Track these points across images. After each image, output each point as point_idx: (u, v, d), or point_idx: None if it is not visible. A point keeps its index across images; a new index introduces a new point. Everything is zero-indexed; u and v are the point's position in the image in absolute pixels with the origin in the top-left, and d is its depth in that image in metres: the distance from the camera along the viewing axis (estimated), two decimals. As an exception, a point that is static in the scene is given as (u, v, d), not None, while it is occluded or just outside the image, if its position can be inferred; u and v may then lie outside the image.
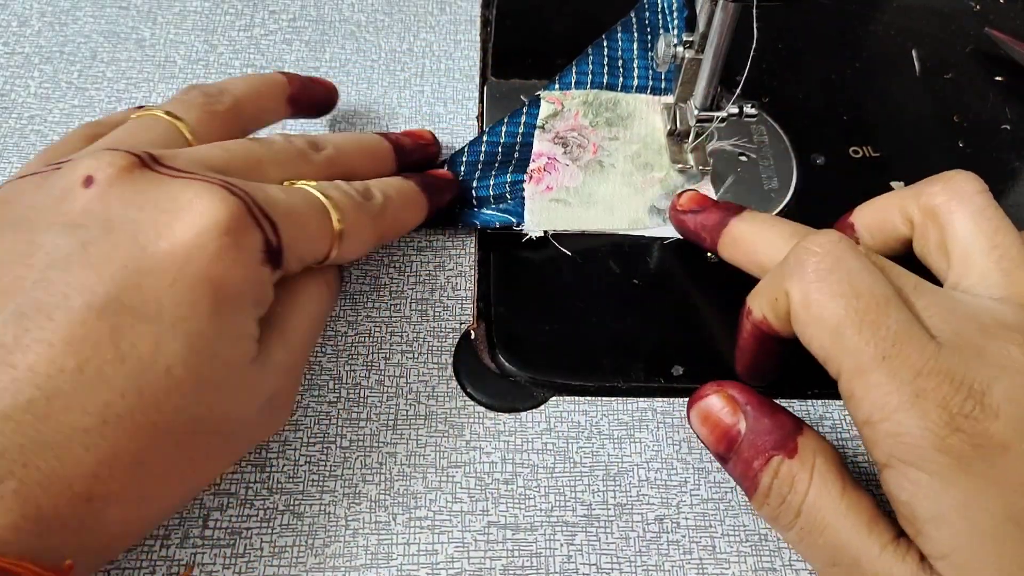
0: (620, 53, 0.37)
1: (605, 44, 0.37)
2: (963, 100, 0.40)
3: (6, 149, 0.35)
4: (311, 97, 0.33)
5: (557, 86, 0.36)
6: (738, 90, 0.30)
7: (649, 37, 0.38)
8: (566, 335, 0.30)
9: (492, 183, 0.33)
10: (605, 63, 0.37)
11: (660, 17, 0.38)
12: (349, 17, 0.41)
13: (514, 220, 0.32)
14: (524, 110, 0.35)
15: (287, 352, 0.24)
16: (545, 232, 0.32)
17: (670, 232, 0.33)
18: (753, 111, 0.33)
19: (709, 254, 0.33)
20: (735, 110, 0.33)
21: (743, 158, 0.36)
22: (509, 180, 0.33)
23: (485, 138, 0.34)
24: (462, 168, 0.34)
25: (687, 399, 0.27)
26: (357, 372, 0.29)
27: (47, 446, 0.17)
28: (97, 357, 0.18)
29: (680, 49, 0.32)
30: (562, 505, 0.27)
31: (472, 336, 0.30)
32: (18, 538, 0.17)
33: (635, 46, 0.37)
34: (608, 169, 0.34)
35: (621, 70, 0.37)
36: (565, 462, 0.28)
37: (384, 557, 0.25)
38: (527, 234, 0.32)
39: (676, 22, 0.37)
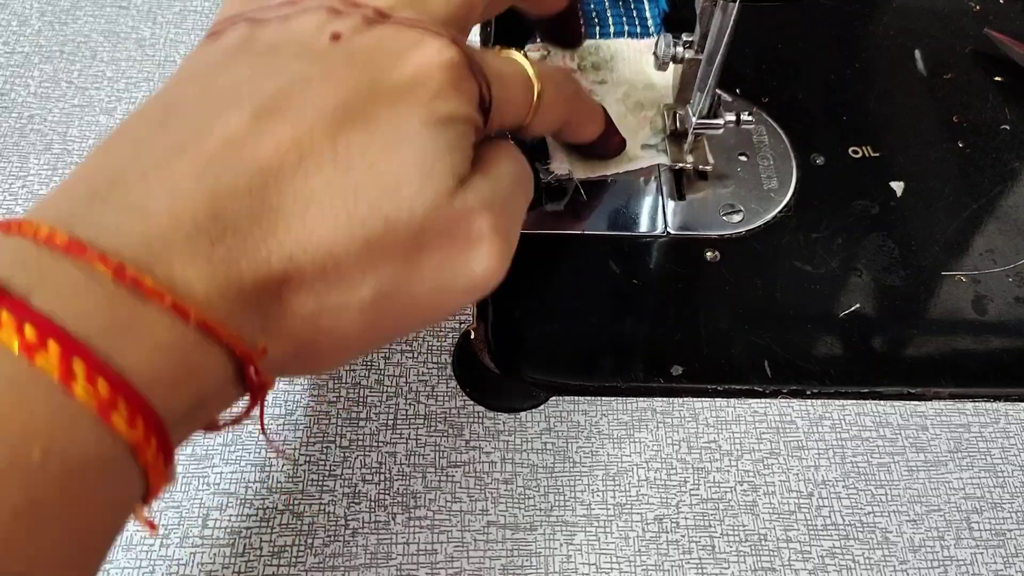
0: (593, 6, 0.38)
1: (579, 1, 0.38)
2: (963, 100, 0.40)
3: (6, 148, 0.35)
4: None
5: (538, 40, 0.37)
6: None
7: None
8: (566, 335, 0.30)
9: None
10: (580, 16, 0.37)
11: None
12: (349, 17, 0.41)
13: None
14: None
15: (493, 189, 0.23)
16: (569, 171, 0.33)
17: (663, 160, 0.34)
18: (750, 118, 0.33)
19: (709, 254, 0.33)
20: (732, 118, 0.33)
21: (743, 158, 0.36)
22: None
23: None
24: None
25: (687, 399, 0.27)
26: (357, 372, 0.29)
27: (260, 218, 0.18)
28: (317, 152, 0.19)
29: (680, 49, 0.32)
30: (562, 505, 0.27)
31: (472, 336, 0.30)
32: (222, 301, 0.18)
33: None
34: None
35: (596, 20, 0.38)
36: (565, 462, 0.28)
37: (384, 557, 0.25)
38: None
39: None
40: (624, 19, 0.38)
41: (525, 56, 0.26)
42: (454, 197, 0.21)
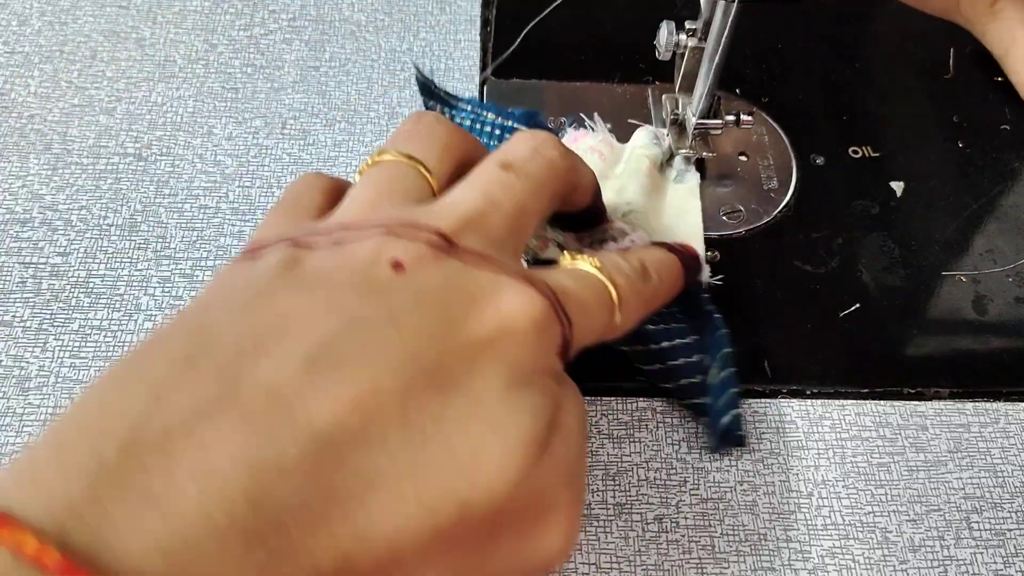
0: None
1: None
2: (963, 100, 0.40)
3: (6, 148, 0.35)
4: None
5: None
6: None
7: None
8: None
9: None
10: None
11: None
12: (349, 17, 0.41)
13: None
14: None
15: (567, 450, 0.20)
16: None
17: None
18: (750, 118, 0.33)
19: (709, 254, 0.33)
20: (732, 118, 0.33)
21: (743, 158, 0.36)
22: None
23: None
24: None
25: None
26: (357, 371, 0.29)
27: (309, 506, 0.15)
28: (384, 419, 0.16)
29: (683, 37, 0.32)
30: (561, 505, 0.27)
31: (472, 336, 0.30)
32: None
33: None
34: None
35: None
36: (565, 462, 0.28)
37: (383, 556, 0.25)
38: None
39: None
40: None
41: (600, 263, 0.24)
42: (536, 469, 0.18)
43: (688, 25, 0.32)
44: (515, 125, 0.33)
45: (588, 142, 0.34)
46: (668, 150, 0.35)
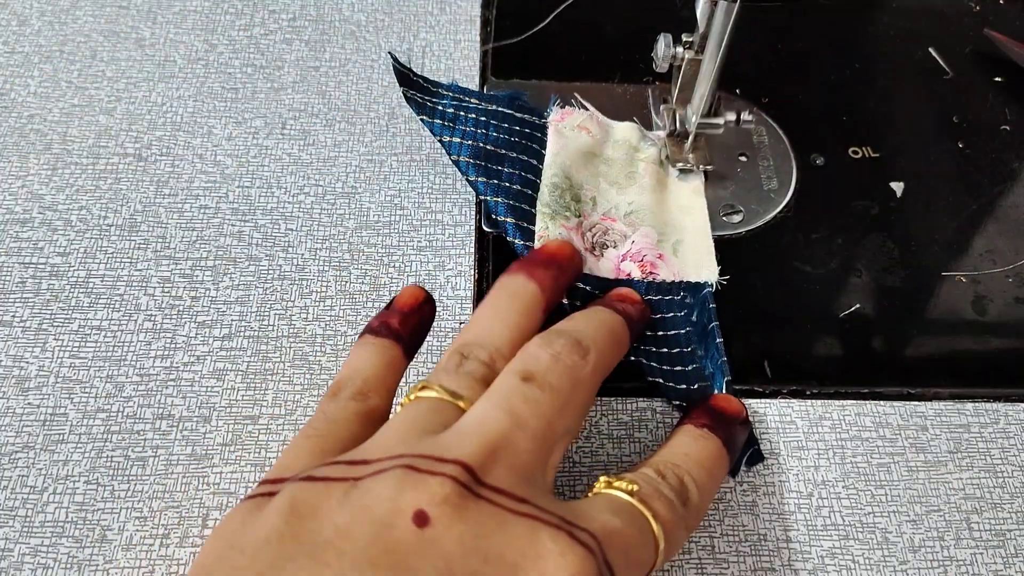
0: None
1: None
2: (962, 101, 0.40)
3: (6, 148, 0.35)
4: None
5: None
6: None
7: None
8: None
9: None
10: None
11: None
12: (349, 17, 0.41)
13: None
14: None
15: None
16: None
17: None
18: (750, 118, 0.33)
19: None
20: (732, 117, 0.33)
21: (743, 158, 0.36)
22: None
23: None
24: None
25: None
26: (357, 372, 0.29)
27: None
28: None
29: (680, 50, 0.32)
30: (561, 505, 0.27)
31: (472, 336, 0.30)
32: None
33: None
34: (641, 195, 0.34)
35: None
36: (565, 462, 0.28)
37: (383, 557, 0.25)
38: None
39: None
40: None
41: (636, 487, 0.22)
42: None
43: (685, 38, 0.32)
44: (499, 108, 0.34)
45: (575, 120, 0.35)
46: (664, 147, 0.35)
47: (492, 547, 0.18)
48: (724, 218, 0.34)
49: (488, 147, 0.32)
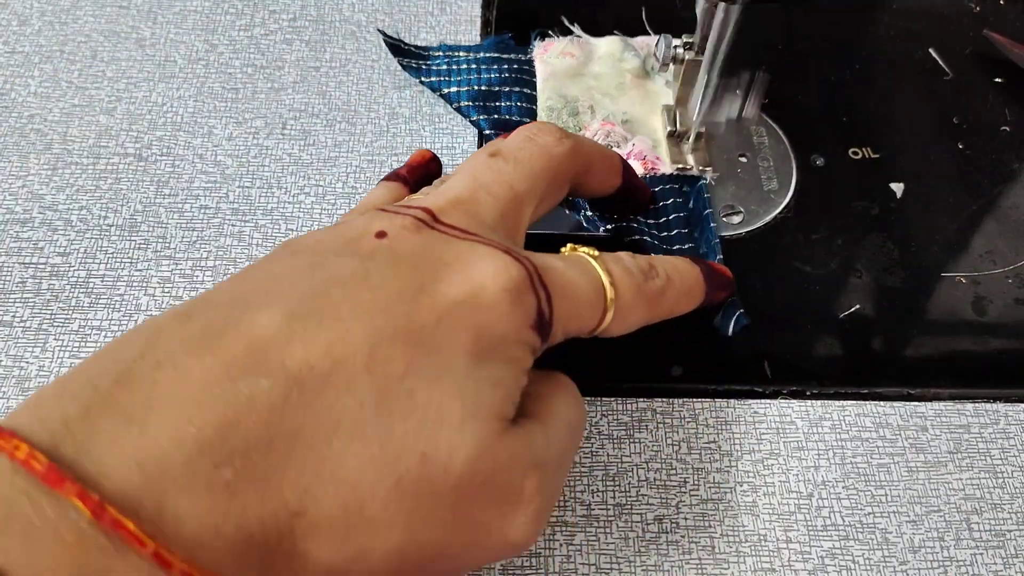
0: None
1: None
2: (962, 102, 0.40)
3: (6, 148, 0.35)
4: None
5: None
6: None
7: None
8: (566, 335, 0.30)
9: None
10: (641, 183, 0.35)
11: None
12: (349, 17, 0.41)
13: None
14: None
15: (547, 442, 0.20)
16: None
17: None
18: (753, 112, 0.33)
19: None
20: (735, 113, 0.33)
21: (743, 158, 0.36)
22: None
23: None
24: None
25: (687, 399, 0.27)
26: (357, 372, 0.29)
27: (276, 440, 0.16)
28: (351, 365, 0.17)
29: (680, 50, 0.33)
30: (561, 505, 0.27)
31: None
32: (217, 543, 0.15)
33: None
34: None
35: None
36: (565, 462, 0.28)
37: (383, 557, 0.25)
38: None
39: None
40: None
41: (597, 253, 0.24)
42: (501, 442, 0.19)
43: (685, 39, 0.32)
44: (487, 54, 0.38)
45: (557, 48, 0.38)
46: (648, 57, 0.37)
47: (435, 252, 0.20)
48: (724, 218, 0.34)
49: (483, 88, 0.36)
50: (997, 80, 0.40)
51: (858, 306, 0.32)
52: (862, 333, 0.31)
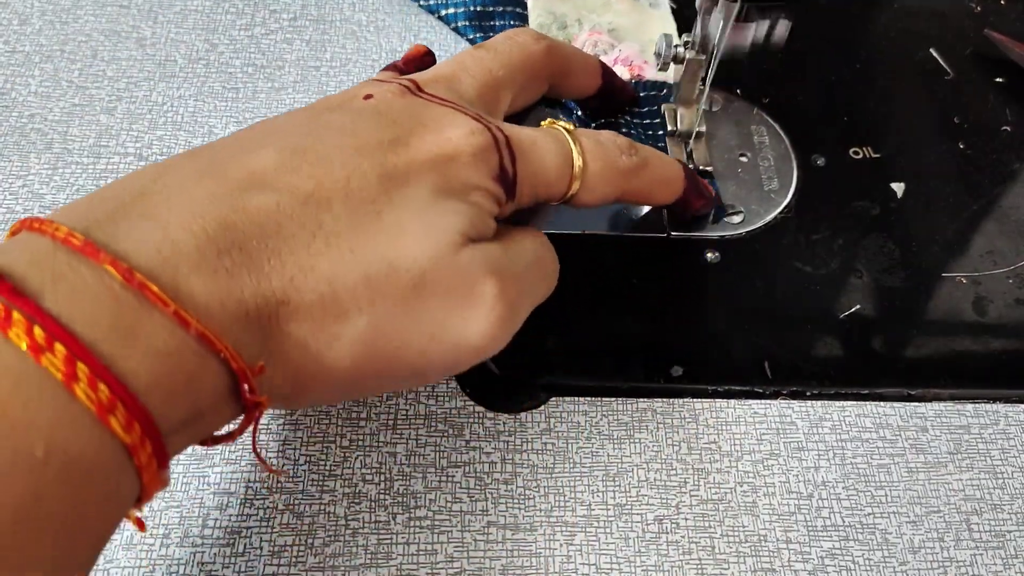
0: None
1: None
2: (963, 102, 0.40)
3: (6, 147, 0.35)
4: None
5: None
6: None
7: None
8: (566, 335, 0.30)
9: None
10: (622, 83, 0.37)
11: None
12: (350, 17, 0.41)
13: None
14: None
15: (508, 258, 0.23)
16: None
17: None
18: (751, 107, 0.33)
19: (709, 255, 0.33)
20: (719, 106, 0.34)
21: (743, 158, 0.36)
22: None
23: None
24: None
25: (687, 399, 0.27)
26: (357, 372, 0.29)
27: (267, 239, 0.19)
28: (330, 189, 0.21)
29: (680, 49, 0.33)
30: (561, 505, 0.27)
31: (472, 336, 0.30)
32: (222, 315, 0.18)
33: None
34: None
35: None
36: (565, 462, 0.28)
37: (384, 557, 0.25)
38: None
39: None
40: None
41: (573, 128, 0.26)
42: (459, 252, 0.22)
43: (685, 38, 0.32)
44: None
45: None
46: None
47: (415, 113, 0.24)
48: (724, 219, 0.34)
49: (478, 8, 0.39)
50: (998, 80, 0.40)
51: (858, 306, 0.32)
52: (862, 333, 0.31)
